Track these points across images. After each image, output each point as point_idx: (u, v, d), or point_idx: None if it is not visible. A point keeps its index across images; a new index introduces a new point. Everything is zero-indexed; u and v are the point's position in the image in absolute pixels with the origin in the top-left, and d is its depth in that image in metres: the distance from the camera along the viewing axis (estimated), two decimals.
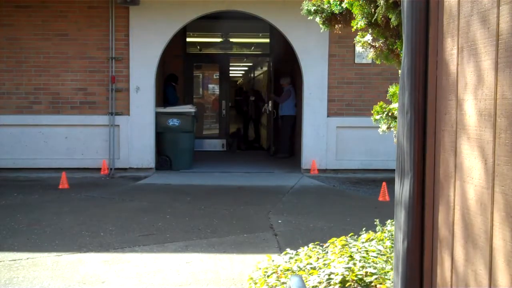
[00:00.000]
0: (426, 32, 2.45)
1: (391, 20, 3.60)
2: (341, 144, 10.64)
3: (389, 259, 3.96)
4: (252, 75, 21.18)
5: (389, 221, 4.81)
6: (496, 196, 1.86)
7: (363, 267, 3.85)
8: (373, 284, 3.68)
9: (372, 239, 4.61)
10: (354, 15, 4.05)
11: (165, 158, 10.88)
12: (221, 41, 15.20)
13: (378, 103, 4.23)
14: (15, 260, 5.33)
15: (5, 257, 5.40)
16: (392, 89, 4.05)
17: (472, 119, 2.05)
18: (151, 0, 10.29)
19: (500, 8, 1.84)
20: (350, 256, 4.07)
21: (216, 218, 7.12)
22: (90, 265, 5.23)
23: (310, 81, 10.65)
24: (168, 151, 10.89)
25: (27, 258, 5.38)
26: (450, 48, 2.26)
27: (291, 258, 4.55)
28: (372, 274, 3.74)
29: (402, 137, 2.55)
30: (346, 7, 4.17)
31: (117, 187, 9.32)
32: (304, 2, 4.67)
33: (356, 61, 10.63)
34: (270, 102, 13.92)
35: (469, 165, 2.08)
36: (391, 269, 3.71)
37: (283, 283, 4.05)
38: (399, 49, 3.90)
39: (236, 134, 15.32)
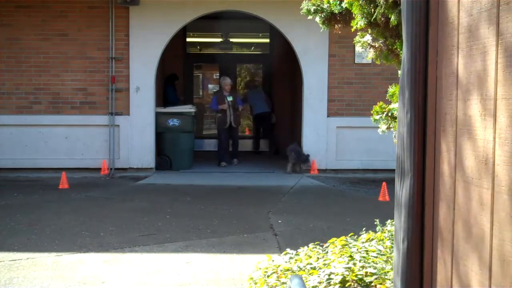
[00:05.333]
0: (426, 32, 2.45)
1: (391, 20, 3.60)
2: (341, 144, 10.64)
3: (389, 259, 3.96)
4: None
5: (389, 221, 4.81)
6: (496, 196, 1.85)
7: (363, 267, 3.85)
8: (373, 284, 3.68)
9: (372, 239, 4.60)
10: (353, 15, 4.05)
11: (165, 158, 10.88)
12: (221, 41, 15.20)
13: (378, 103, 4.23)
14: (15, 260, 5.33)
15: (5, 257, 5.40)
16: (392, 89, 4.05)
17: (472, 119, 2.05)
18: (151, 0, 10.29)
19: (500, 8, 1.84)
20: (350, 256, 4.07)
21: (216, 218, 7.11)
22: (90, 265, 5.23)
23: (310, 81, 10.65)
24: (168, 151, 10.89)
25: (27, 258, 5.38)
26: (450, 48, 2.26)
27: (291, 258, 4.55)
28: (372, 274, 3.74)
29: (402, 137, 2.55)
30: (345, 7, 4.17)
31: (117, 187, 9.32)
32: (304, 2, 4.67)
33: (356, 61, 10.63)
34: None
35: (469, 165, 2.08)
36: (391, 269, 3.71)
37: (283, 283, 4.05)
38: (399, 49, 3.89)
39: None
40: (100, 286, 4.71)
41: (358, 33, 4.27)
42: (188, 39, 14.63)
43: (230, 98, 11.50)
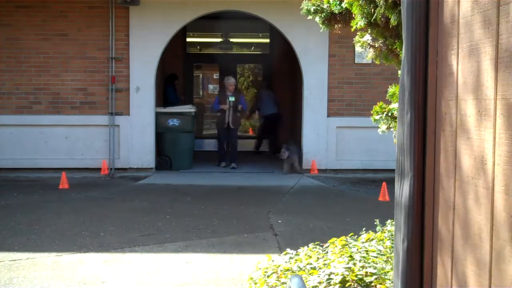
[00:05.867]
0: (426, 32, 2.45)
1: (391, 20, 3.60)
2: (341, 144, 10.63)
3: (389, 259, 3.96)
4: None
5: (389, 221, 4.81)
6: (496, 196, 1.86)
7: (363, 267, 3.85)
8: (373, 284, 3.68)
9: (372, 239, 4.60)
10: (353, 15, 4.05)
11: (165, 158, 10.88)
12: (221, 41, 15.20)
13: (378, 103, 4.23)
14: (15, 260, 5.33)
15: (5, 257, 5.40)
16: (392, 89, 4.05)
17: (472, 119, 2.05)
18: (151, 0, 10.29)
19: (500, 8, 1.84)
20: (350, 256, 4.07)
21: (216, 218, 7.11)
22: (90, 265, 5.23)
23: (310, 81, 10.65)
24: (168, 151, 10.89)
25: (27, 258, 5.38)
26: (450, 48, 2.26)
27: (291, 258, 4.55)
28: (372, 274, 3.74)
29: (402, 137, 2.55)
30: (345, 7, 4.17)
31: (117, 187, 9.32)
32: (304, 2, 4.67)
33: (356, 61, 10.63)
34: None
35: (469, 165, 2.08)
36: (391, 269, 3.71)
37: (283, 283, 4.05)
38: (398, 49, 3.89)
39: None
40: (100, 286, 4.71)
41: (358, 33, 4.27)
42: (188, 39, 14.63)
43: (232, 99, 11.21)
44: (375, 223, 4.97)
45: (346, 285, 3.72)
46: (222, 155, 11.55)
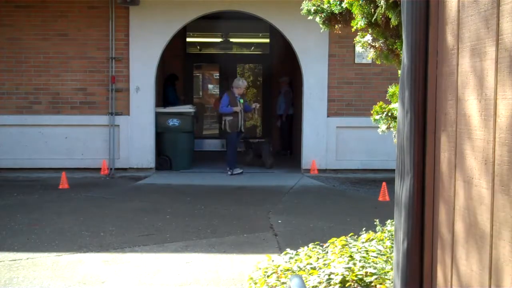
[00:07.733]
0: (426, 32, 2.45)
1: (391, 20, 3.60)
2: (341, 144, 10.63)
3: (389, 259, 3.96)
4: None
5: (389, 221, 4.81)
6: (496, 196, 1.86)
7: (363, 267, 3.85)
8: (373, 284, 3.68)
9: (372, 239, 4.60)
10: (354, 15, 4.05)
11: (165, 158, 10.88)
12: (221, 41, 15.21)
13: (378, 103, 4.23)
14: (15, 260, 5.33)
15: (5, 257, 5.40)
16: (391, 89, 4.05)
17: (472, 119, 2.05)
18: (151, 0, 10.29)
19: (500, 8, 1.84)
20: (350, 256, 4.07)
21: (216, 218, 7.11)
22: (90, 265, 5.23)
23: (310, 81, 10.65)
24: (168, 151, 10.89)
25: (27, 258, 5.38)
26: (450, 48, 2.26)
27: (291, 258, 4.55)
28: (372, 274, 3.74)
29: (402, 137, 2.55)
30: (346, 7, 4.17)
31: (117, 187, 9.32)
32: (304, 2, 4.67)
33: (356, 61, 10.62)
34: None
35: (469, 165, 2.08)
36: (391, 269, 3.71)
37: (283, 283, 4.05)
38: (399, 49, 3.89)
39: None
40: (100, 286, 4.71)
41: (358, 33, 4.27)
42: (188, 39, 14.64)
43: (242, 101, 10.66)
44: (375, 223, 4.97)
45: (346, 285, 3.72)
46: (235, 161, 10.69)
